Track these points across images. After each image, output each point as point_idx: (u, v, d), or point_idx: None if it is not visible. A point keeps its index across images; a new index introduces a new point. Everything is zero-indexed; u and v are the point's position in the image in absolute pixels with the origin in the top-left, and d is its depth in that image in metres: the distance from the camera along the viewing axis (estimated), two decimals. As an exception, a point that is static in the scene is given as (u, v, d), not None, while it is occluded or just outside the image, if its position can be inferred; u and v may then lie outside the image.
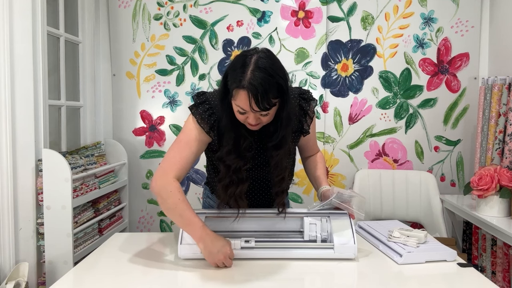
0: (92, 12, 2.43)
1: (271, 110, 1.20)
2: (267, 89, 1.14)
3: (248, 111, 1.18)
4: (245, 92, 1.15)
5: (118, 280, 1.14)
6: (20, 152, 1.78)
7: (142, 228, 2.61)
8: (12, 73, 1.74)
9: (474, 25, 2.52)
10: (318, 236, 1.31)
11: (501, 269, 2.09)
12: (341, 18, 2.53)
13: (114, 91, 2.58)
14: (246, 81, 1.14)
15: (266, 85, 1.14)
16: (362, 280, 1.19)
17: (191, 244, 1.24)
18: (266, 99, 1.15)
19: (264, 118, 1.22)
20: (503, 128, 2.14)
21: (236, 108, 1.21)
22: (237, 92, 1.17)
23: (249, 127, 1.25)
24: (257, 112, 1.18)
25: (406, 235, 1.32)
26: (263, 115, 1.21)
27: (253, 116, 1.20)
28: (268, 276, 1.17)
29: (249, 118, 1.21)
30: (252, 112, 1.18)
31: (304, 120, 1.39)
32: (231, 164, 1.27)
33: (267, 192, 1.46)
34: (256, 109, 1.16)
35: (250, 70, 1.15)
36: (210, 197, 1.58)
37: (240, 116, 1.22)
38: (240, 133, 1.27)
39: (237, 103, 1.19)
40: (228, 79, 1.21)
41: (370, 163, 2.59)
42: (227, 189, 1.29)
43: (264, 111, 1.18)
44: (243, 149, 1.27)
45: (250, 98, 1.14)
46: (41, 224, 1.82)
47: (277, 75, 1.18)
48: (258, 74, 1.15)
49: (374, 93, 2.56)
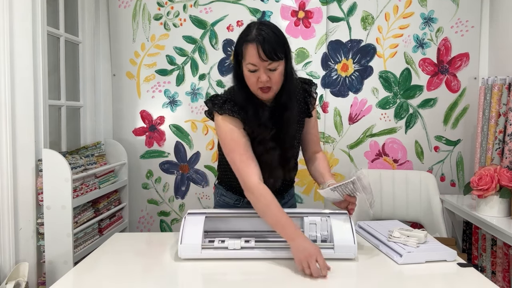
0: (92, 12, 2.43)
1: (279, 67, 1.28)
2: (273, 40, 1.26)
3: (257, 65, 1.26)
4: (253, 45, 1.25)
5: (118, 280, 1.14)
6: (20, 152, 1.78)
7: (142, 228, 2.61)
8: (12, 73, 1.74)
9: (474, 25, 2.52)
10: (318, 236, 1.31)
11: (501, 269, 2.09)
12: (341, 18, 2.53)
13: (114, 91, 2.58)
14: (252, 35, 1.26)
15: (272, 37, 1.26)
16: (362, 280, 1.19)
17: (191, 244, 1.24)
18: (273, 49, 1.25)
19: (273, 76, 1.28)
20: (503, 128, 2.14)
21: (247, 68, 1.29)
22: (246, 48, 1.27)
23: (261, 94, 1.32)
24: (266, 63, 1.26)
25: (406, 235, 1.32)
26: (272, 70, 1.28)
27: (264, 71, 1.27)
28: (268, 276, 1.17)
29: (260, 74, 1.27)
30: (262, 63, 1.25)
31: (309, 101, 1.47)
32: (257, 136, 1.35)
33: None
34: (264, 58, 1.24)
35: (256, 28, 1.28)
36: (225, 194, 1.58)
37: (252, 78, 1.29)
38: (257, 103, 1.35)
39: (247, 61, 1.28)
40: (236, 47, 1.32)
41: (370, 163, 2.59)
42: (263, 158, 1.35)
43: (272, 62, 1.26)
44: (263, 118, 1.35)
45: (258, 49, 1.24)
46: (41, 224, 1.82)
47: (280, 33, 1.30)
48: (263, 29, 1.27)
49: (374, 93, 2.56)
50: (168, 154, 2.59)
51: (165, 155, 2.59)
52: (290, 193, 1.63)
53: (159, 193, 2.61)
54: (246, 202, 1.49)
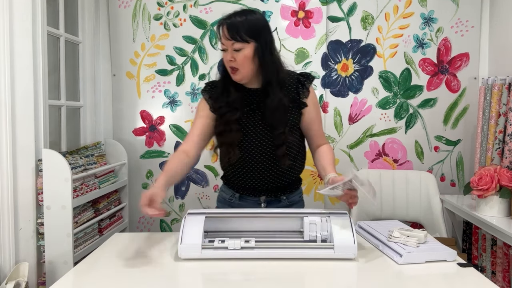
0: (92, 12, 2.43)
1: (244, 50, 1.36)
2: (239, 21, 1.37)
3: (225, 45, 1.38)
4: (222, 26, 1.38)
5: (118, 280, 1.14)
6: (20, 152, 1.78)
7: (142, 228, 2.61)
8: (12, 73, 1.74)
9: (474, 25, 2.52)
10: (318, 236, 1.31)
11: (501, 269, 2.09)
12: (341, 18, 2.53)
13: (114, 91, 2.58)
14: (225, 18, 1.39)
15: (239, 19, 1.37)
16: (362, 280, 1.19)
17: (191, 244, 1.24)
18: (236, 30, 1.35)
19: (237, 56, 1.37)
20: (503, 128, 2.14)
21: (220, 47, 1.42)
22: (218, 29, 1.39)
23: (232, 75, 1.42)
24: (230, 43, 1.36)
25: (406, 235, 1.32)
26: (236, 51, 1.37)
27: (230, 51, 1.38)
28: (268, 276, 1.17)
29: (227, 53, 1.38)
30: (227, 41, 1.36)
31: (301, 91, 1.49)
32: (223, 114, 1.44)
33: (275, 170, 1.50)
34: (228, 38, 1.36)
35: (232, 13, 1.40)
36: (223, 189, 1.62)
37: (223, 56, 1.41)
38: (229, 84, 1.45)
39: (220, 41, 1.40)
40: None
41: (370, 163, 2.59)
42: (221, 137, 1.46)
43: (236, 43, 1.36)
44: (231, 100, 1.44)
45: (223, 28, 1.37)
46: (41, 224, 1.81)
47: (254, 18, 1.40)
48: (238, 13, 1.40)
49: (374, 93, 2.56)
50: (168, 154, 2.59)
51: (165, 155, 2.59)
52: (292, 198, 1.59)
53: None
54: (238, 198, 1.57)
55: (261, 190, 1.53)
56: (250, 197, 1.55)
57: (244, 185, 1.53)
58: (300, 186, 1.65)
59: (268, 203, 1.55)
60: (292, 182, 1.57)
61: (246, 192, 1.55)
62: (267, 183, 1.51)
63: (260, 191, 1.53)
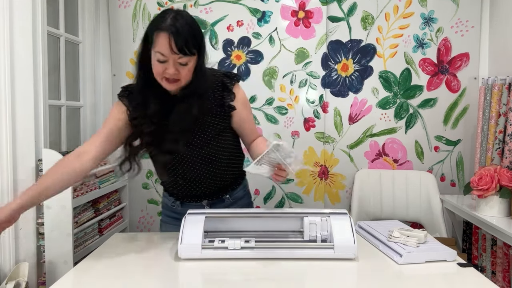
0: (92, 12, 2.43)
1: (190, 62, 1.25)
2: (186, 32, 1.20)
3: (167, 56, 1.21)
4: (165, 34, 1.19)
5: (118, 280, 1.14)
6: (20, 152, 1.78)
7: (142, 228, 2.61)
8: (12, 73, 1.74)
9: (474, 25, 2.52)
10: (318, 236, 1.31)
11: (501, 269, 2.09)
12: (341, 18, 2.53)
13: (114, 91, 2.58)
14: (166, 24, 1.20)
15: (186, 30, 1.21)
16: (362, 280, 1.19)
17: (191, 244, 1.24)
18: (185, 42, 1.20)
19: (182, 71, 1.25)
20: (503, 128, 2.14)
21: (155, 57, 1.23)
22: (157, 36, 1.20)
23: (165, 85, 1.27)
24: (176, 56, 1.21)
25: (406, 235, 1.32)
26: (182, 65, 1.24)
27: (172, 64, 1.22)
28: (268, 276, 1.17)
29: (169, 67, 1.23)
30: (172, 55, 1.21)
31: (227, 95, 1.40)
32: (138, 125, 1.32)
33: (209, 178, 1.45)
34: (175, 51, 1.19)
35: (170, 17, 1.21)
36: (165, 195, 1.59)
37: (159, 67, 1.24)
38: (151, 96, 1.31)
39: (156, 49, 1.21)
40: (147, 31, 1.25)
41: (370, 163, 2.59)
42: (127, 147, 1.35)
43: (183, 56, 1.21)
44: (150, 113, 1.31)
45: (170, 39, 1.19)
46: (41, 224, 1.81)
47: (196, 26, 1.26)
48: (179, 19, 1.21)
49: (374, 93, 2.56)
50: (168, 154, 2.58)
51: (165, 155, 2.59)
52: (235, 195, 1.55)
53: (159, 193, 2.60)
54: (179, 204, 1.51)
55: (201, 196, 1.49)
56: (191, 203, 1.51)
57: (183, 193, 1.49)
58: (243, 181, 1.59)
59: (212, 205, 1.51)
60: (232, 180, 1.53)
61: (186, 199, 1.51)
62: (205, 188, 1.47)
63: (200, 196, 1.49)
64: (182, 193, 1.50)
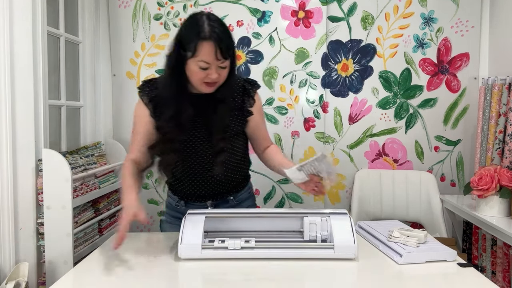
0: (92, 12, 2.43)
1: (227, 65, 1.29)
2: (226, 38, 1.26)
3: (211, 63, 1.25)
4: (209, 43, 1.23)
5: (118, 280, 1.14)
6: (20, 152, 1.77)
7: (142, 228, 2.61)
8: (12, 73, 1.74)
9: (474, 25, 2.52)
10: (318, 236, 1.31)
11: (501, 269, 2.09)
12: (341, 18, 2.53)
13: (114, 91, 2.58)
14: (207, 32, 1.23)
15: (225, 35, 1.26)
16: (362, 280, 1.19)
17: (191, 244, 1.24)
18: (227, 48, 1.26)
19: (222, 73, 1.30)
20: (503, 128, 2.14)
21: (198, 65, 1.26)
22: (200, 46, 1.23)
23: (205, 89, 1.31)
24: (219, 62, 1.26)
25: (406, 235, 1.32)
26: (222, 68, 1.29)
27: (215, 69, 1.27)
28: (268, 276, 1.17)
29: (211, 72, 1.27)
30: (216, 62, 1.25)
31: (247, 100, 1.45)
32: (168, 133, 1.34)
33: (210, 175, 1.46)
34: (220, 58, 1.24)
35: (206, 24, 1.24)
36: (169, 195, 1.60)
37: (200, 74, 1.27)
38: (183, 103, 1.34)
39: (200, 58, 1.25)
40: (183, 41, 1.27)
41: (370, 163, 2.59)
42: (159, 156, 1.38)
43: (225, 61, 1.27)
44: (183, 120, 1.34)
45: (216, 48, 1.23)
46: (41, 224, 1.81)
47: (229, 30, 1.30)
48: (215, 25, 1.25)
49: (374, 93, 2.56)
50: (168, 154, 2.59)
51: (165, 155, 2.59)
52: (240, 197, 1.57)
53: (159, 193, 2.60)
54: (184, 204, 1.53)
55: (206, 196, 1.50)
56: (195, 203, 1.52)
57: (188, 192, 1.50)
58: (248, 183, 1.61)
59: (216, 206, 1.52)
60: (238, 183, 1.55)
61: (190, 199, 1.52)
62: (211, 189, 1.48)
63: (205, 196, 1.50)
64: (188, 193, 1.50)
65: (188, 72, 1.30)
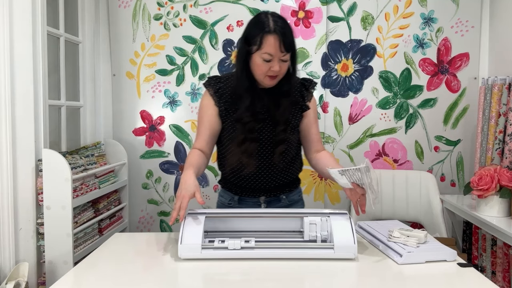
0: (92, 12, 2.43)
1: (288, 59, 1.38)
2: (289, 32, 1.35)
3: (274, 56, 1.34)
4: (273, 36, 1.32)
5: (118, 280, 1.14)
6: (20, 152, 1.78)
7: (142, 228, 2.61)
8: (12, 73, 1.74)
9: (474, 25, 2.52)
10: (318, 236, 1.31)
11: (501, 269, 2.09)
12: (341, 18, 2.53)
13: (114, 91, 2.58)
14: (271, 27, 1.33)
15: (288, 29, 1.36)
16: (362, 280, 1.19)
17: (191, 244, 1.24)
18: (290, 42, 1.35)
19: (283, 66, 1.38)
20: (503, 128, 2.14)
21: (262, 57, 1.35)
22: (265, 39, 1.33)
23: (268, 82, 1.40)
24: (281, 54, 1.34)
25: (406, 235, 1.32)
26: (284, 61, 1.37)
27: (277, 62, 1.35)
28: (268, 276, 1.17)
29: (274, 65, 1.36)
30: (279, 54, 1.34)
31: (305, 94, 1.53)
32: (247, 122, 1.43)
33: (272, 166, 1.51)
34: (283, 50, 1.33)
35: (271, 19, 1.35)
36: (222, 194, 1.63)
37: (263, 67, 1.36)
38: (255, 93, 1.43)
39: (264, 51, 1.34)
40: (249, 36, 1.38)
41: (370, 163, 2.59)
42: (241, 145, 1.44)
43: (287, 54, 1.35)
44: (257, 109, 1.43)
45: (279, 40, 1.32)
46: (41, 224, 1.81)
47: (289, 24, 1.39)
48: (278, 21, 1.35)
49: (374, 93, 2.56)
50: (168, 154, 2.59)
51: (165, 155, 2.59)
52: (291, 198, 1.61)
53: (159, 193, 2.61)
54: (237, 201, 1.56)
55: (260, 190, 1.53)
56: (249, 198, 1.55)
57: (244, 184, 1.53)
58: (299, 186, 1.66)
59: (268, 204, 1.56)
60: (291, 181, 1.58)
61: (245, 193, 1.55)
62: (267, 181, 1.51)
63: (260, 190, 1.53)
64: (243, 185, 1.53)
65: (252, 66, 1.40)
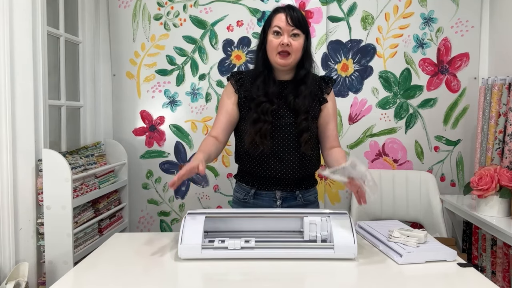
0: (92, 12, 2.43)
1: (300, 38, 1.48)
2: (298, 12, 1.48)
3: (283, 29, 1.46)
4: (281, 13, 1.48)
5: (118, 280, 1.14)
6: (20, 152, 1.78)
7: (142, 228, 2.61)
8: (12, 73, 1.74)
9: (474, 25, 2.52)
10: (318, 236, 1.31)
11: (501, 269, 2.09)
12: (341, 18, 2.53)
13: (114, 91, 2.58)
14: (281, 7, 1.50)
15: (298, 11, 1.49)
16: (362, 280, 1.19)
17: (191, 244, 1.24)
18: (298, 18, 1.46)
19: (294, 42, 1.47)
20: (503, 128, 2.14)
21: (272, 32, 1.48)
22: (275, 16, 1.49)
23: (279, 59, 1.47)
24: (291, 28, 1.46)
25: (406, 235, 1.32)
26: (294, 37, 1.47)
27: (287, 35, 1.46)
28: (268, 276, 1.18)
29: (284, 38, 1.46)
30: (288, 27, 1.45)
31: (324, 88, 1.59)
32: (261, 103, 1.49)
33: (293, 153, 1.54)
34: (290, 23, 1.45)
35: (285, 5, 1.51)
36: (237, 189, 1.65)
37: (275, 42, 1.47)
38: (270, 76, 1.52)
39: (274, 25, 1.48)
40: (265, 23, 1.53)
41: (370, 163, 2.59)
42: (255, 125, 1.49)
43: (296, 29, 1.46)
44: (271, 92, 1.51)
45: (286, 15, 1.46)
46: (41, 224, 1.82)
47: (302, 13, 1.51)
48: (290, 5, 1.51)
49: (374, 93, 2.56)
50: (168, 154, 2.59)
51: (165, 155, 2.59)
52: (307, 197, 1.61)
53: (159, 193, 2.61)
54: (253, 195, 1.58)
55: (277, 182, 1.54)
56: (265, 191, 1.56)
57: (261, 174, 1.54)
58: (315, 187, 1.67)
59: (284, 200, 1.56)
60: (307, 177, 1.59)
61: (261, 186, 1.56)
62: (284, 172, 1.52)
63: (276, 183, 1.54)
64: (261, 175, 1.55)
65: (267, 47, 1.50)
